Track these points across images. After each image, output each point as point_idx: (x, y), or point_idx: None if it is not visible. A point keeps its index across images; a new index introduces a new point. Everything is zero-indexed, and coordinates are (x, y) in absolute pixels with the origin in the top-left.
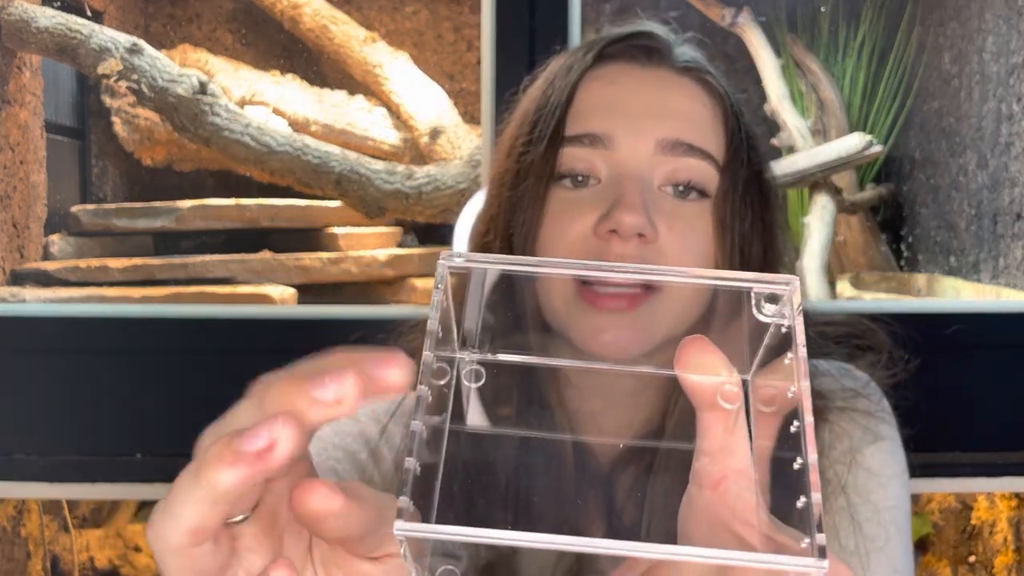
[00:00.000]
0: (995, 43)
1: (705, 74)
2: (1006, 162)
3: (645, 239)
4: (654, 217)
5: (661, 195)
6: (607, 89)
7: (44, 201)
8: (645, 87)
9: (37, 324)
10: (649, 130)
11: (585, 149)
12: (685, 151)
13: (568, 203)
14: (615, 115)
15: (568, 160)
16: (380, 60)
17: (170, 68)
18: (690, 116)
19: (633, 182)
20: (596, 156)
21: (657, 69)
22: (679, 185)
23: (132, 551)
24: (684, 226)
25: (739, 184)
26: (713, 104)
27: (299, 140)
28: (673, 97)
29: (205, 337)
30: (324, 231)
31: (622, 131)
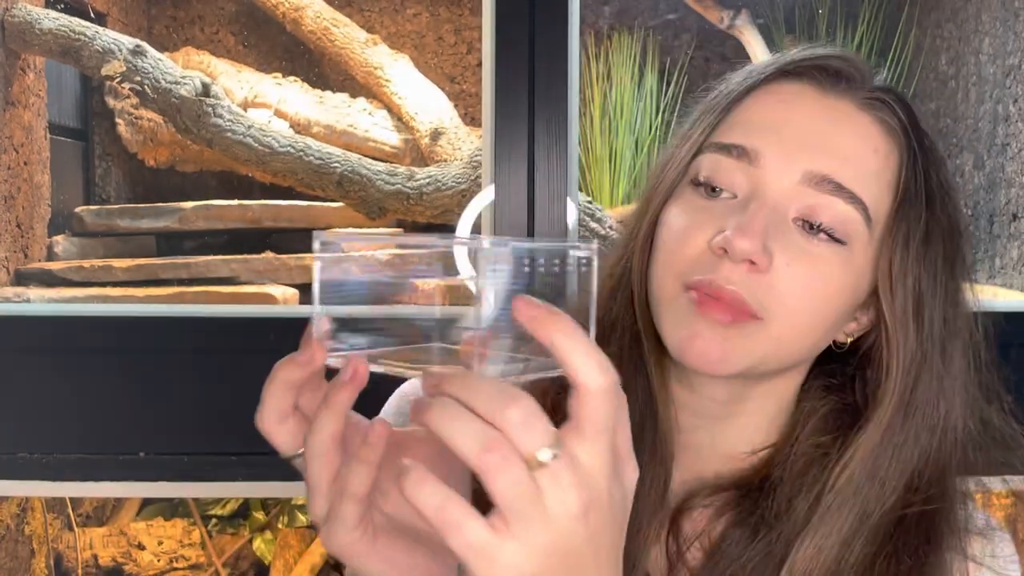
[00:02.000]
0: (992, 45)
1: (888, 115)
2: (1002, 163)
3: (756, 267)
4: (773, 247)
5: (791, 227)
6: (775, 107)
7: (48, 202)
8: (815, 114)
9: (41, 324)
10: (801, 159)
11: (731, 160)
12: (833, 190)
13: (697, 209)
14: (772, 135)
15: (711, 167)
16: (381, 62)
17: (173, 70)
18: (852, 156)
19: (764, 207)
20: (739, 171)
21: (837, 98)
22: (812, 223)
23: (135, 549)
24: (807, 266)
25: (910, 242)
26: (888, 150)
27: (301, 141)
28: (841, 131)
29: (208, 337)
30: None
31: (773, 153)
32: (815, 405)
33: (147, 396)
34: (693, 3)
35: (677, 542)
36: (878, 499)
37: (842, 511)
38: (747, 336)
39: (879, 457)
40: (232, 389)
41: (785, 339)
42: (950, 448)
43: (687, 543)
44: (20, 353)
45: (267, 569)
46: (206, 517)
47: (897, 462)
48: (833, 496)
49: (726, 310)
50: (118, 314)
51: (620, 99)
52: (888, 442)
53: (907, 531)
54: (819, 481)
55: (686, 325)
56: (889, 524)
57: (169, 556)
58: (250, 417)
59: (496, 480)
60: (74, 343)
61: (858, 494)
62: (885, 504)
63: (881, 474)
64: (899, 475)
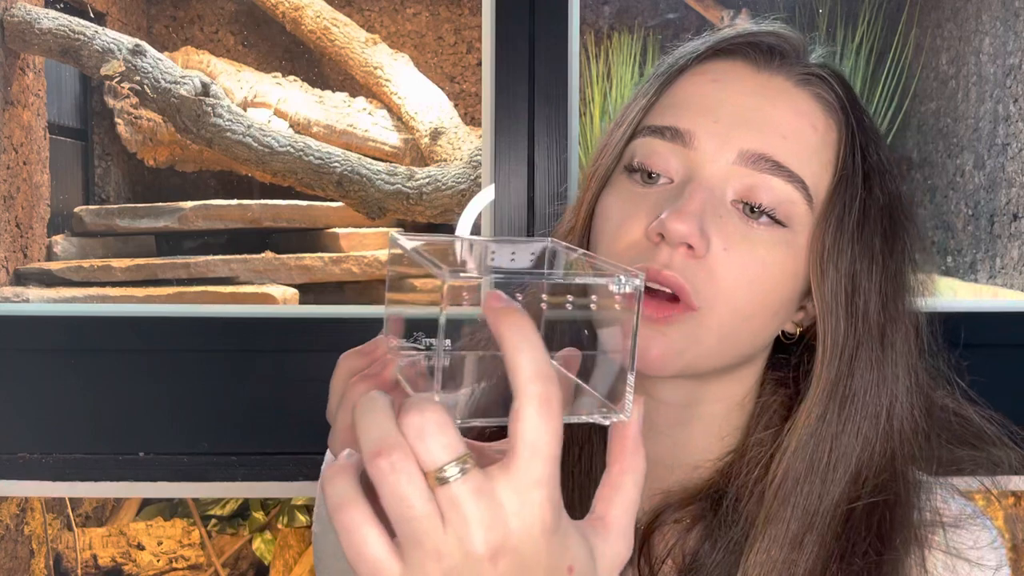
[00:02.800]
0: (992, 44)
1: (826, 91)
2: (1003, 163)
3: (693, 252)
4: (710, 231)
5: (730, 210)
6: (708, 86)
7: (47, 201)
8: (749, 91)
9: (40, 324)
10: (735, 138)
11: (664, 143)
12: (770, 168)
13: (633, 197)
14: (705, 115)
15: (645, 152)
16: (381, 62)
17: (172, 70)
18: (789, 133)
19: (700, 189)
20: (673, 154)
21: (772, 76)
22: (752, 204)
23: (135, 549)
24: (746, 249)
25: (846, 222)
26: (826, 127)
27: (301, 141)
28: (776, 108)
29: (207, 337)
30: (325, 231)
31: (707, 132)
32: (768, 401)
33: (147, 396)
34: (693, 3)
35: (649, 563)
36: (820, 494)
37: (785, 509)
38: (685, 330)
39: (816, 449)
40: (232, 389)
41: (725, 329)
42: (899, 438)
43: (659, 562)
44: (19, 353)
45: (267, 569)
46: (205, 517)
47: (836, 454)
48: (774, 494)
49: (658, 307)
50: (118, 314)
51: (620, 99)
52: (824, 433)
53: (856, 529)
54: (762, 480)
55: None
56: (837, 522)
57: (168, 556)
58: (250, 417)
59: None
60: (73, 343)
61: (798, 490)
62: (829, 499)
63: (820, 467)
64: (841, 468)
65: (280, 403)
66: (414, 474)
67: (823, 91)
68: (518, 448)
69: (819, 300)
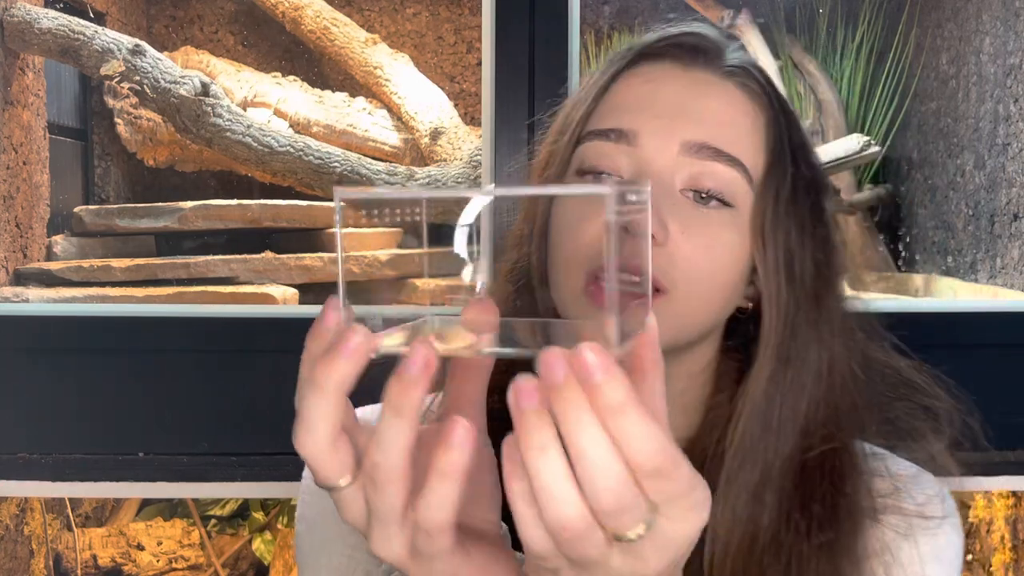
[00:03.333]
0: (992, 44)
1: (750, 80)
2: (1003, 163)
3: (655, 241)
4: (667, 219)
5: (681, 199)
6: (642, 87)
7: (47, 201)
8: (681, 88)
9: (40, 324)
10: (676, 131)
11: (610, 144)
12: (712, 155)
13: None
14: (644, 113)
15: (593, 155)
16: (381, 62)
17: (172, 70)
18: (724, 121)
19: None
20: (620, 153)
21: (699, 71)
22: (700, 191)
23: (134, 549)
24: (701, 232)
25: (781, 198)
26: (754, 112)
27: (300, 141)
28: (709, 100)
29: (207, 336)
30: (325, 231)
31: (649, 129)
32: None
33: (146, 396)
34: (693, 2)
35: None
36: (776, 449)
37: (744, 467)
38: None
39: (767, 407)
40: (232, 389)
41: (691, 307)
42: (839, 391)
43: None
44: (19, 353)
45: (267, 569)
46: (205, 517)
47: (786, 410)
48: (733, 453)
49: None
50: (117, 314)
51: None
52: (774, 392)
53: (811, 478)
54: (721, 442)
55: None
56: (793, 473)
57: (168, 556)
58: (250, 417)
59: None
60: (73, 343)
61: (756, 447)
62: (784, 452)
63: (774, 424)
64: (791, 423)
65: (280, 403)
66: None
67: (747, 81)
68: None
69: (762, 269)
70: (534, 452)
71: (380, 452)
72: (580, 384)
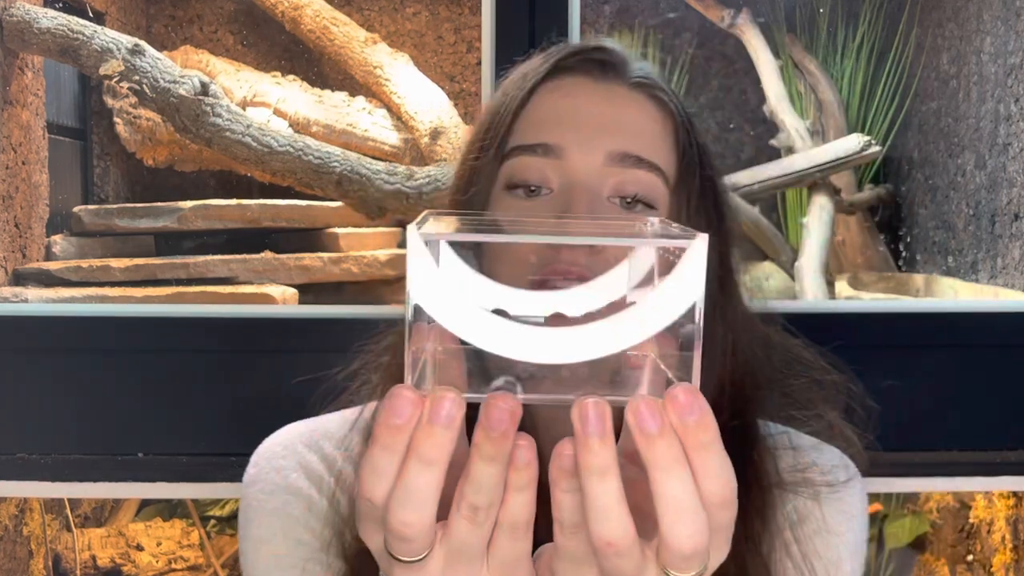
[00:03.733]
0: (993, 44)
1: (657, 90)
2: (1004, 162)
3: (593, 248)
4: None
5: (609, 206)
6: (562, 102)
7: (46, 201)
8: (598, 101)
9: (39, 324)
10: (600, 143)
11: (537, 159)
12: (634, 163)
13: (522, 212)
14: (568, 127)
15: (521, 170)
16: (381, 61)
17: (172, 69)
18: (640, 130)
19: (583, 192)
20: (548, 166)
21: (610, 84)
22: (627, 197)
23: (134, 550)
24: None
25: (692, 197)
26: (664, 119)
27: (300, 141)
28: (625, 111)
29: (207, 336)
30: (325, 231)
31: (574, 143)
32: None
33: (146, 396)
34: (694, 2)
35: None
36: None
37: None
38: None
39: None
40: (231, 389)
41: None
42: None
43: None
44: (18, 353)
45: None
46: (205, 518)
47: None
48: None
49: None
50: (117, 314)
51: None
52: None
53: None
54: None
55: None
56: None
57: (168, 557)
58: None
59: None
60: (73, 343)
61: None
62: None
63: None
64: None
65: (280, 403)
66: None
67: (654, 91)
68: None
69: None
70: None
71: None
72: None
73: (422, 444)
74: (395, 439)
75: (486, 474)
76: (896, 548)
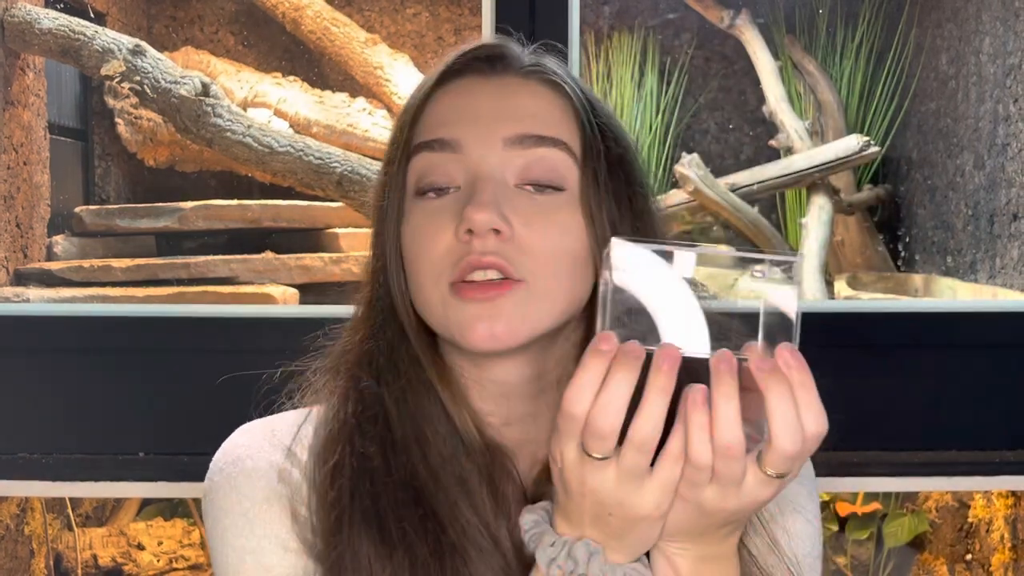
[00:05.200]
0: (992, 44)
1: (549, 75)
2: (1003, 163)
3: (502, 235)
4: (508, 214)
5: (518, 193)
6: (455, 100)
7: (47, 202)
8: (490, 93)
9: (41, 324)
10: (495, 130)
11: (436, 154)
12: (534, 143)
13: (431, 213)
14: (462, 121)
15: (425, 168)
16: (381, 62)
17: (172, 70)
18: (536, 112)
19: (485, 182)
20: (449, 162)
21: (502, 76)
22: (537, 182)
23: (135, 549)
24: (541, 220)
25: (600, 174)
26: (563, 101)
27: (300, 141)
28: (518, 97)
29: (208, 336)
30: (325, 231)
31: (470, 134)
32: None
33: (147, 396)
34: (693, 2)
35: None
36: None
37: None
38: (519, 302)
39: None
40: (232, 389)
41: (550, 291)
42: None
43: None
44: (20, 353)
45: None
46: None
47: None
48: None
49: (487, 288)
50: (118, 314)
51: (620, 99)
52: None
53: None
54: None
55: (463, 318)
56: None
57: (169, 556)
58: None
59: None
60: (74, 343)
61: None
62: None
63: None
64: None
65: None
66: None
67: (548, 75)
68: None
69: (592, 244)
70: (723, 399)
71: (648, 423)
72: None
73: (622, 367)
74: (600, 362)
75: (655, 405)
76: (895, 547)
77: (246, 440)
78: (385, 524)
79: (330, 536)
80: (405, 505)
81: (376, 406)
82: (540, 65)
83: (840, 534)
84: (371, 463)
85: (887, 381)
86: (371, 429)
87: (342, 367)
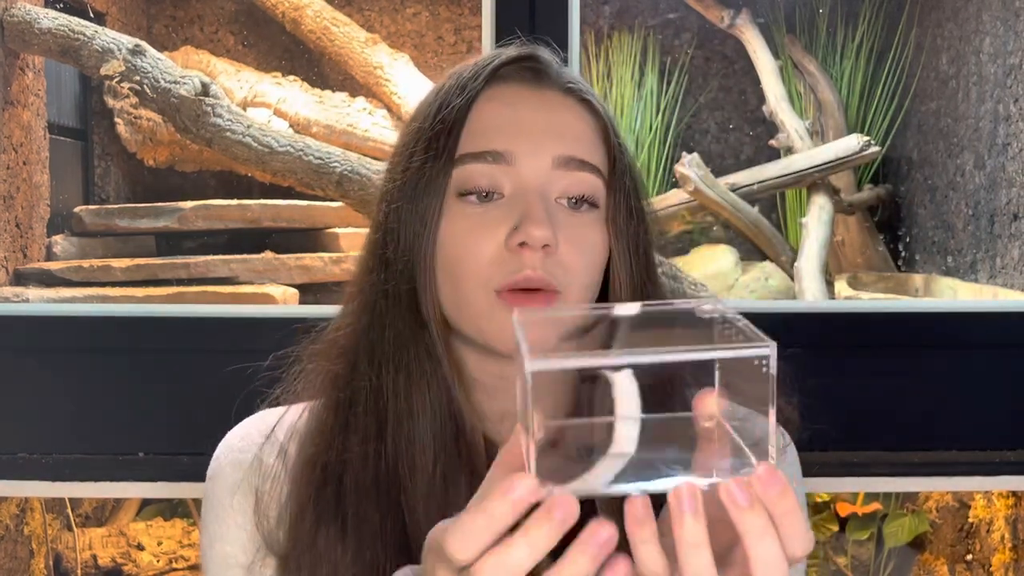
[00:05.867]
0: (992, 44)
1: (586, 94)
2: (1003, 162)
3: (549, 249)
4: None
5: (558, 207)
6: (503, 110)
7: (47, 201)
8: (538, 107)
9: (40, 324)
10: (546, 148)
11: (488, 166)
12: (578, 166)
13: (478, 218)
14: (514, 134)
15: (473, 177)
16: (381, 61)
17: (172, 70)
18: (579, 134)
19: (536, 196)
20: (499, 172)
21: (547, 91)
22: (573, 198)
23: (134, 549)
24: (578, 236)
25: (624, 193)
26: (595, 122)
27: (300, 141)
28: (564, 117)
29: (207, 336)
30: (325, 231)
31: (523, 149)
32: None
33: (147, 396)
34: (693, 2)
35: None
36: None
37: None
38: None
39: None
40: (232, 389)
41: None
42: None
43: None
44: (19, 353)
45: None
46: None
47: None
48: None
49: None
50: (117, 314)
51: (620, 99)
52: None
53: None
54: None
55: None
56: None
57: (168, 556)
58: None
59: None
60: (73, 343)
61: None
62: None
63: None
64: None
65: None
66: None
67: (584, 95)
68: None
69: (617, 254)
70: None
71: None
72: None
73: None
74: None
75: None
76: (895, 547)
77: (241, 431)
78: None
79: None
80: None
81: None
82: (579, 84)
83: (840, 534)
84: (348, 455)
85: (887, 381)
86: (357, 421)
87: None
